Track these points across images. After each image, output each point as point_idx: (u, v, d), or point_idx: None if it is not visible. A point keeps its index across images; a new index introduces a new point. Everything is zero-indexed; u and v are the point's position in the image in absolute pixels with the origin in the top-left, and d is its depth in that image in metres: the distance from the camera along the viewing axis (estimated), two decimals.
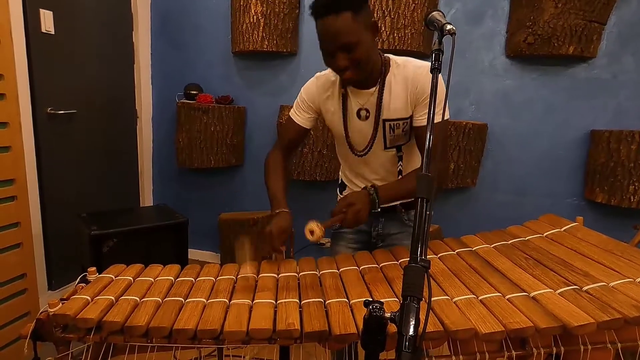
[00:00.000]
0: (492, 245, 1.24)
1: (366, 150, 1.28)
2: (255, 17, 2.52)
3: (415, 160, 1.33)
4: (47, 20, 2.20)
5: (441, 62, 0.85)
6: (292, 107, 1.37)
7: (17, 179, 1.69)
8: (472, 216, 2.56)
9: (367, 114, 1.25)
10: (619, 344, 0.86)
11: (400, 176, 1.31)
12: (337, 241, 1.44)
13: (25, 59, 2.08)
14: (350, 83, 1.22)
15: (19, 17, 2.02)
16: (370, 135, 1.26)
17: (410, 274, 0.58)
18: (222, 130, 2.75)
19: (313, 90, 1.31)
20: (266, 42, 2.57)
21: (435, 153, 1.30)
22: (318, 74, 1.32)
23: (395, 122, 1.23)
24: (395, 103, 1.22)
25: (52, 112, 2.28)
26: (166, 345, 0.89)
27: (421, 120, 1.20)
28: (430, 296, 0.56)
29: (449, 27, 0.86)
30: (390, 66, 1.22)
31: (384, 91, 1.21)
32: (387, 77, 1.22)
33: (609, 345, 0.86)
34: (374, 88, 1.22)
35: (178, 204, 2.86)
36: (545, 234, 1.29)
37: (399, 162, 1.30)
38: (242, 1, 2.54)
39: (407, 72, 1.20)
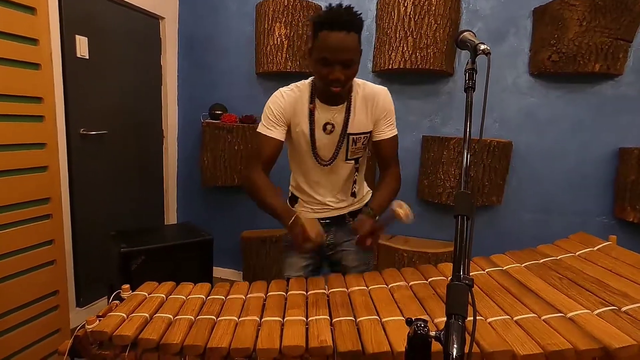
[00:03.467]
0: (523, 265, 1.22)
1: (331, 161, 1.38)
2: (279, 39, 2.60)
3: (363, 173, 1.48)
4: (82, 46, 2.32)
5: (475, 80, 0.86)
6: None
7: (52, 197, 1.75)
8: (498, 234, 2.51)
9: (332, 128, 1.33)
10: None
11: (354, 185, 1.44)
12: (289, 252, 1.47)
13: (62, 82, 2.19)
14: (332, 95, 1.28)
15: (57, 43, 2.14)
16: (335, 147, 1.36)
17: (453, 292, 0.58)
18: (245, 149, 2.80)
19: (283, 104, 1.33)
20: (289, 63, 2.63)
21: (397, 161, 1.42)
22: (281, 89, 1.37)
23: (357, 136, 1.35)
24: (358, 119, 1.34)
25: (85, 132, 2.38)
26: None
27: (381, 135, 1.37)
28: (475, 315, 0.56)
29: (482, 47, 0.87)
30: (353, 85, 1.33)
31: (351, 108, 1.33)
32: (353, 95, 1.33)
33: None
34: (342, 105, 1.32)
35: (201, 222, 2.90)
36: (577, 253, 1.26)
37: (355, 173, 1.43)
38: (266, 24, 2.62)
39: (367, 92, 1.34)
